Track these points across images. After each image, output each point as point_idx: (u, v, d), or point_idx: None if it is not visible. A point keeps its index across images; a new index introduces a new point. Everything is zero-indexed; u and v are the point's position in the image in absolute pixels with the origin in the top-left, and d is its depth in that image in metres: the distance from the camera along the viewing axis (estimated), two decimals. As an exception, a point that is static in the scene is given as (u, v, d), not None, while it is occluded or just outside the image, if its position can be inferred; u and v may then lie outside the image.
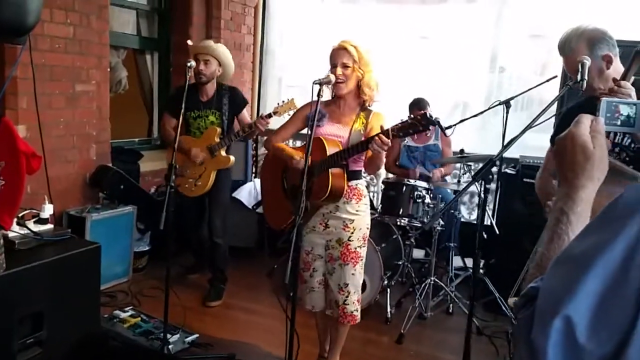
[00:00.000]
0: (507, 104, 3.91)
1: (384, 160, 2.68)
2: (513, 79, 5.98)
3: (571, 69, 2.22)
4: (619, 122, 0.97)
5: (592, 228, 0.73)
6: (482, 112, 3.97)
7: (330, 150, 2.61)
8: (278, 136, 2.92)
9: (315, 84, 2.47)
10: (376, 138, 2.40)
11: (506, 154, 4.04)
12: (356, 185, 2.79)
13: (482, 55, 5.45)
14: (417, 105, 4.32)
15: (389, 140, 2.37)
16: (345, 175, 2.67)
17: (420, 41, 5.94)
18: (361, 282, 2.89)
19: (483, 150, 4.42)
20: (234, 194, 4.76)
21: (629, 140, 2.12)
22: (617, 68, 2.15)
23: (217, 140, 3.82)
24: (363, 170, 2.86)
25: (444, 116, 5.54)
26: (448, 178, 4.63)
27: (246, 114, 4.02)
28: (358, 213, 2.79)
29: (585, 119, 0.93)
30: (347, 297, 2.82)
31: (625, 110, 0.96)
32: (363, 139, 2.65)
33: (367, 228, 2.85)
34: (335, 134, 2.70)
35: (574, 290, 0.66)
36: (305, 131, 2.94)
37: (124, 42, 4.86)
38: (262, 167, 3.16)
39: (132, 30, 5.01)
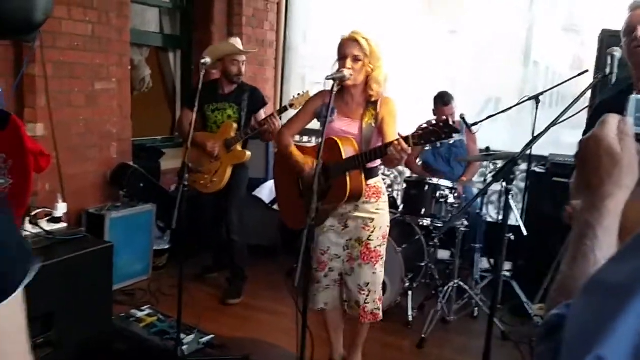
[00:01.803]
0: (536, 99, 3.76)
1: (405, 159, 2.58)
2: (549, 74, 5.78)
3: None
4: None
5: (630, 250, 0.61)
6: (509, 108, 3.82)
7: (346, 150, 2.53)
8: (288, 131, 2.85)
9: (329, 79, 2.39)
10: (395, 143, 2.30)
11: (535, 152, 3.94)
12: (375, 183, 2.71)
13: (515, 49, 5.27)
14: (442, 99, 4.18)
15: (409, 148, 2.27)
16: (363, 175, 2.58)
17: (449, 36, 5.80)
18: (381, 280, 2.81)
19: (516, 147, 4.23)
20: (254, 192, 4.71)
21: None
22: None
23: (233, 134, 3.77)
24: (380, 166, 2.77)
25: (475, 112, 5.38)
26: (475, 177, 4.48)
27: (262, 114, 3.95)
28: (378, 212, 2.72)
29: (612, 119, 0.82)
30: (367, 296, 2.75)
31: None
32: (376, 132, 2.56)
33: (387, 226, 2.78)
34: (346, 130, 2.62)
35: (609, 326, 0.55)
36: (314, 124, 2.89)
37: (147, 40, 4.86)
38: (274, 165, 3.09)
39: (155, 28, 5.01)
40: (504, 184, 2.15)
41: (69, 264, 2.51)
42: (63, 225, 2.70)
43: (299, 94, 3.62)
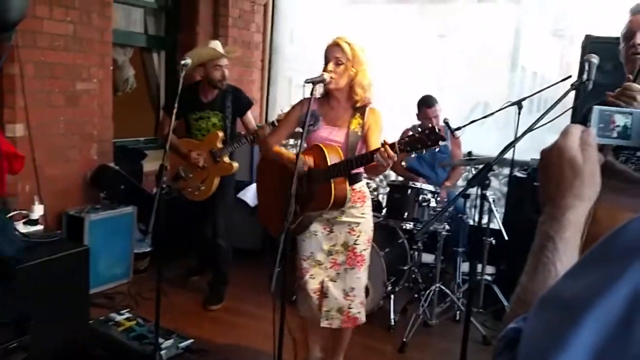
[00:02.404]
0: (519, 104, 3.78)
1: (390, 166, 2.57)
2: (537, 79, 5.81)
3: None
4: (614, 134, 0.83)
5: (587, 264, 0.60)
6: (492, 114, 3.85)
7: (331, 158, 2.51)
8: (273, 139, 2.83)
9: (308, 82, 2.37)
10: (382, 150, 2.28)
11: (518, 157, 3.97)
12: (360, 188, 2.71)
13: (503, 53, 5.29)
14: (426, 103, 4.16)
15: (395, 155, 2.27)
16: (347, 181, 2.58)
17: (437, 40, 5.82)
18: (364, 285, 2.81)
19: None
20: (238, 195, 4.68)
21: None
22: None
23: (219, 145, 3.71)
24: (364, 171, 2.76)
25: (463, 116, 5.39)
26: (459, 181, 4.49)
27: (251, 116, 3.90)
28: (363, 216, 2.72)
29: (575, 129, 0.81)
30: (352, 301, 2.74)
31: (621, 120, 0.82)
32: (361, 140, 2.55)
33: (372, 230, 2.79)
34: (332, 138, 2.60)
35: (563, 341, 0.54)
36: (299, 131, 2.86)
37: (131, 41, 4.82)
38: (257, 171, 3.06)
39: (140, 28, 4.97)
40: (480, 189, 2.13)
41: (43, 267, 2.48)
42: (39, 227, 2.67)
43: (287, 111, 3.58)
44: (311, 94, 2.35)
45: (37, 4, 3.39)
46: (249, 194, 4.79)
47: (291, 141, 5.41)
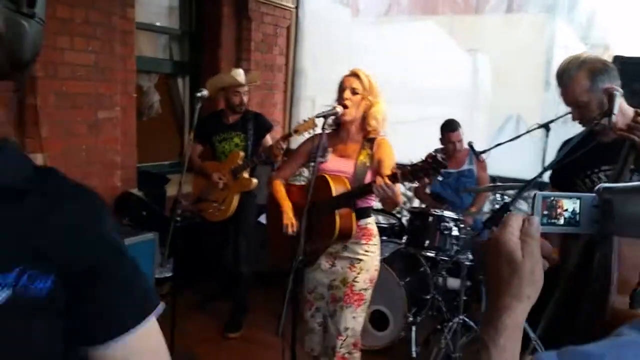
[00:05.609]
0: (546, 127, 3.63)
1: (400, 198, 2.49)
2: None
3: (570, 100, 2.05)
4: (561, 221, 0.75)
5: None
6: (518, 137, 3.72)
7: (336, 189, 2.45)
8: (281, 173, 2.81)
9: (319, 117, 2.33)
10: (379, 183, 2.23)
11: (546, 178, 3.81)
12: (365, 224, 2.61)
13: (535, 65, 5.16)
14: (449, 127, 4.07)
15: (393, 184, 2.20)
16: (354, 214, 2.50)
17: (466, 55, 5.72)
18: (361, 326, 2.66)
19: (532, 174, 3.91)
20: (259, 219, 4.65)
21: None
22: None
23: (239, 162, 3.75)
24: (374, 206, 2.68)
25: (495, 129, 5.26)
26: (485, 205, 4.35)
27: (269, 139, 3.95)
28: (367, 254, 2.60)
29: (514, 220, 0.74)
30: (343, 341, 2.59)
31: (568, 205, 0.75)
32: (369, 172, 2.48)
33: (376, 270, 2.65)
34: (340, 169, 2.54)
35: None
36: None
37: (155, 67, 4.89)
38: (267, 203, 3.02)
39: (165, 54, 5.03)
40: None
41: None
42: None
43: (304, 120, 3.56)
44: (322, 128, 2.30)
45: (58, 34, 3.45)
46: (271, 218, 4.76)
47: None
